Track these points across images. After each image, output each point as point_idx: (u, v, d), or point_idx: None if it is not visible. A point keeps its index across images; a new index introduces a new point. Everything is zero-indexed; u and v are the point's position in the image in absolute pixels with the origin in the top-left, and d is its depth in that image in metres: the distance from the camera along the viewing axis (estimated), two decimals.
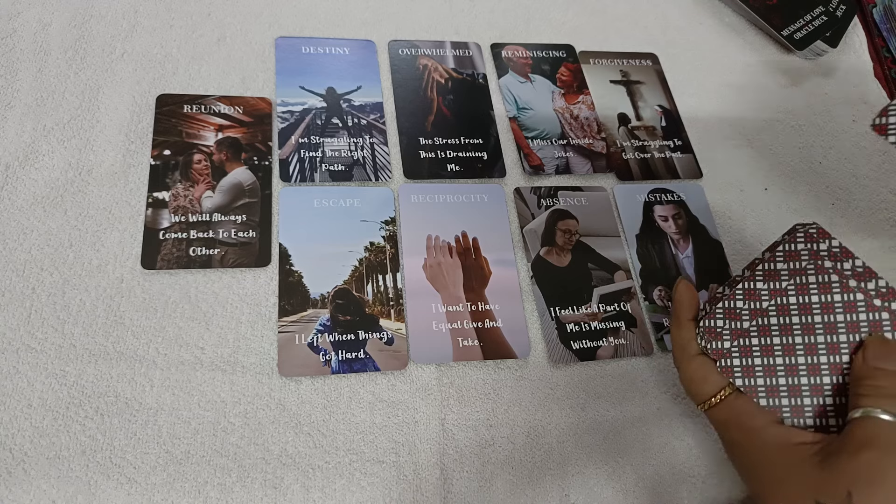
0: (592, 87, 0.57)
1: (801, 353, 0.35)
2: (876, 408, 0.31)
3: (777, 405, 0.35)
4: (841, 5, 0.63)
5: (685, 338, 0.38)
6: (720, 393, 0.36)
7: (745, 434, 0.35)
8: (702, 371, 0.37)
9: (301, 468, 0.39)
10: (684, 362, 0.38)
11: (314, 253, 0.45)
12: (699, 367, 0.37)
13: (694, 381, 0.37)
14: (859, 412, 0.32)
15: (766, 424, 0.34)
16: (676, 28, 0.63)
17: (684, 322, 0.39)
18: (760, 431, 0.34)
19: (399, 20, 0.57)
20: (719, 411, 0.36)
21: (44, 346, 0.39)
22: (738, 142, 0.57)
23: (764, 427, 0.34)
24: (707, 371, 0.37)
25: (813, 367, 0.35)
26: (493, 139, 0.52)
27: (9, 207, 0.42)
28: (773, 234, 0.52)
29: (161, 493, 0.37)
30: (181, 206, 0.44)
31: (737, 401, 0.36)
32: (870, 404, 0.31)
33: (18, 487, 0.35)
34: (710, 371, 0.37)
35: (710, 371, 0.37)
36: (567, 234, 0.49)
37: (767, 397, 0.36)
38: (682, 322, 0.39)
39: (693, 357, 0.38)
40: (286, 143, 0.48)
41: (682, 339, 0.39)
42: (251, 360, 0.41)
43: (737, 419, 0.35)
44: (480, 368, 0.44)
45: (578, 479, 0.41)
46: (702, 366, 0.37)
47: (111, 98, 0.47)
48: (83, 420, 0.38)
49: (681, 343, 0.39)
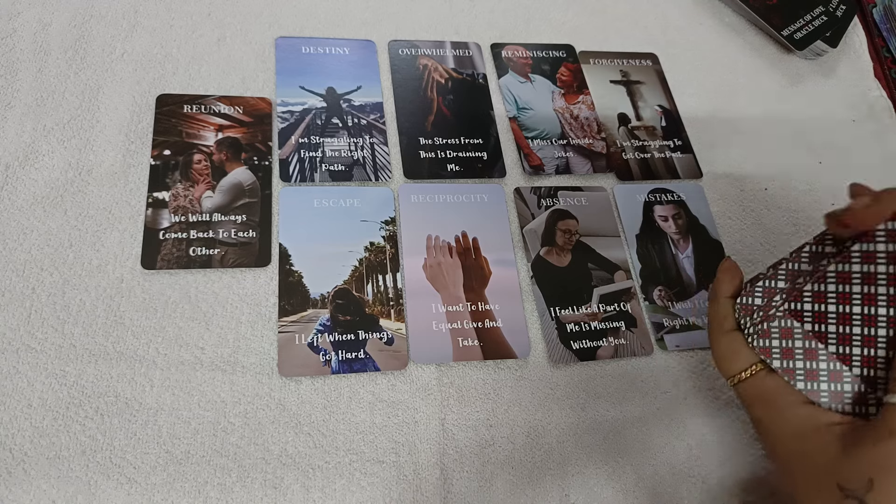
0: (592, 87, 0.57)
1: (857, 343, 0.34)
2: None
3: (815, 389, 0.34)
4: (841, 5, 0.63)
5: (721, 314, 0.38)
6: (750, 369, 0.36)
7: (772, 411, 0.35)
8: (733, 346, 0.37)
9: (301, 468, 0.39)
10: (717, 337, 0.38)
11: (314, 253, 0.45)
12: (731, 343, 0.37)
13: (725, 356, 0.37)
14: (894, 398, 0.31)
15: (793, 403, 0.34)
16: (676, 28, 0.63)
17: (721, 298, 0.39)
18: (786, 409, 0.34)
19: (399, 20, 0.57)
20: (748, 387, 0.36)
21: (44, 346, 0.39)
22: (738, 142, 0.57)
23: (790, 405, 0.34)
24: (739, 346, 0.37)
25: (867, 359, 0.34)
26: (493, 139, 0.52)
27: (9, 207, 0.42)
28: (774, 234, 0.53)
29: (161, 493, 0.37)
30: (181, 206, 0.44)
31: (767, 378, 0.35)
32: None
33: (18, 487, 0.35)
34: (741, 347, 0.37)
35: (741, 347, 0.37)
36: (567, 234, 0.49)
37: (806, 380, 0.35)
38: (719, 298, 0.39)
39: (726, 333, 0.37)
40: (286, 143, 0.48)
41: (717, 314, 0.38)
42: (251, 360, 0.41)
43: (764, 396, 0.35)
44: (480, 368, 0.44)
45: (578, 479, 0.41)
46: (733, 341, 0.37)
47: (111, 98, 0.48)
48: (83, 420, 0.38)
49: (716, 318, 0.38)
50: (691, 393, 0.45)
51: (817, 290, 0.35)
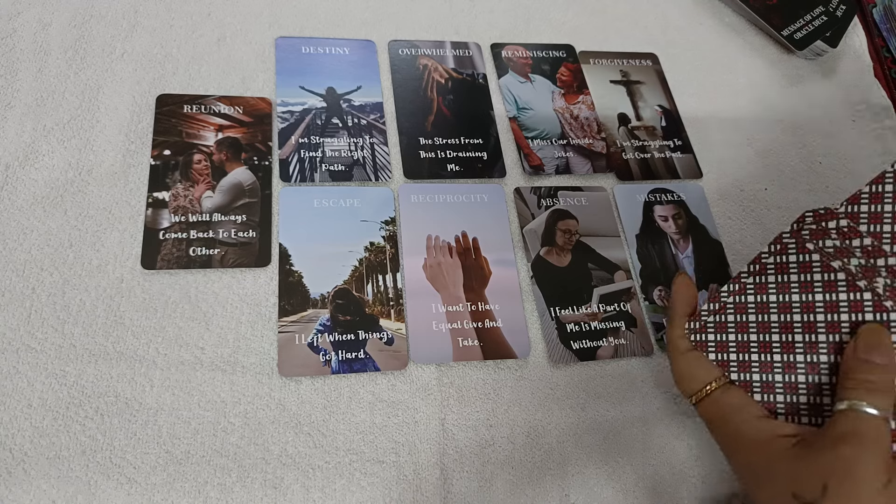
0: (592, 87, 0.57)
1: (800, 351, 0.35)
2: (861, 401, 0.31)
3: (772, 401, 0.36)
4: (841, 5, 0.63)
5: (676, 334, 0.39)
6: (706, 388, 0.37)
7: (729, 428, 0.35)
8: (689, 367, 0.38)
9: (301, 468, 0.39)
10: (675, 358, 0.39)
11: (314, 253, 0.45)
12: (687, 364, 0.38)
13: (682, 376, 0.38)
14: (844, 404, 0.31)
15: (747, 418, 0.35)
16: (676, 28, 0.63)
17: (677, 318, 0.40)
18: (741, 425, 0.35)
19: (399, 20, 0.57)
20: (704, 406, 0.37)
21: (44, 346, 0.39)
22: (738, 142, 0.57)
23: (745, 421, 0.35)
24: (695, 367, 0.38)
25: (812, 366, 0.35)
26: (493, 139, 0.52)
27: (9, 207, 0.42)
28: (773, 234, 0.52)
29: (161, 493, 0.37)
30: (181, 206, 0.44)
31: (722, 396, 0.36)
32: (856, 397, 0.31)
33: (18, 487, 0.35)
34: (697, 367, 0.38)
35: (697, 367, 0.38)
36: (567, 234, 0.49)
37: (762, 392, 0.36)
38: (674, 318, 0.40)
39: (682, 353, 0.39)
40: (286, 143, 0.48)
41: (673, 335, 0.40)
42: (251, 360, 0.41)
43: (720, 413, 0.36)
44: (480, 368, 0.44)
45: (578, 479, 0.41)
46: (689, 362, 0.38)
47: (111, 98, 0.47)
48: (83, 420, 0.38)
49: (672, 339, 0.39)
50: None
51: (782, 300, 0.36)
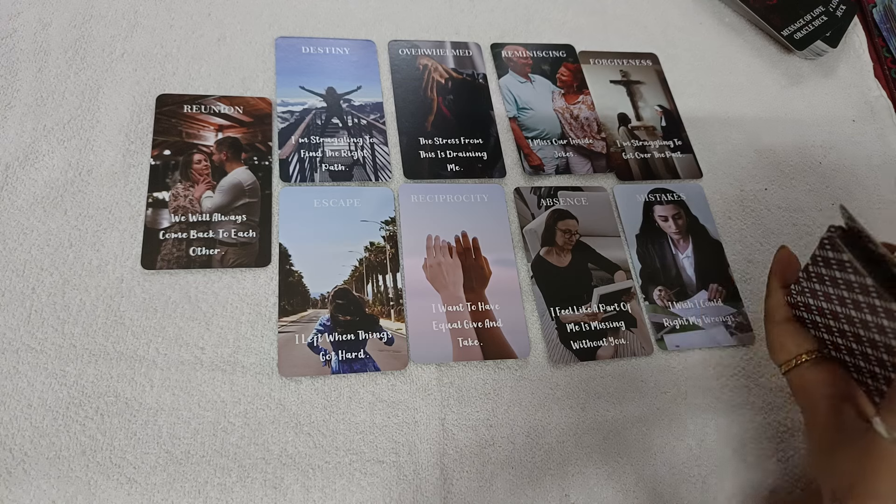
0: (592, 87, 0.57)
1: None
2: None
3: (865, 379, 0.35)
4: (841, 5, 0.63)
5: (772, 303, 0.39)
6: (794, 359, 0.37)
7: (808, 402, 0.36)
8: (781, 338, 0.38)
9: (301, 468, 0.39)
10: (769, 327, 0.39)
11: (314, 253, 0.45)
12: (779, 334, 0.38)
13: (773, 346, 0.38)
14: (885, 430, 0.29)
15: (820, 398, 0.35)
16: (676, 28, 0.63)
17: (774, 288, 0.39)
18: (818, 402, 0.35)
19: (399, 20, 0.57)
20: (791, 378, 0.37)
21: (44, 346, 0.39)
22: (738, 142, 0.57)
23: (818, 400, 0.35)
24: (785, 338, 0.38)
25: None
26: (493, 139, 0.52)
27: (9, 207, 0.42)
28: (774, 234, 0.53)
29: (161, 493, 0.37)
30: (181, 206, 0.44)
31: (808, 370, 0.36)
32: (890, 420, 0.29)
33: (18, 487, 0.35)
34: (788, 338, 0.38)
35: (788, 338, 0.38)
36: (567, 234, 0.49)
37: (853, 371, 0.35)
38: (772, 288, 0.39)
39: (776, 323, 0.38)
40: (286, 143, 0.48)
41: (769, 304, 0.39)
42: (251, 360, 0.41)
43: (803, 387, 0.36)
44: (480, 368, 0.44)
45: (578, 479, 0.41)
46: (781, 333, 0.38)
47: (111, 98, 0.47)
48: (83, 420, 0.38)
49: (767, 308, 0.39)
50: (691, 393, 0.45)
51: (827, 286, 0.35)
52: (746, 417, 0.45)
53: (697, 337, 0.47)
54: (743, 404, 0.45)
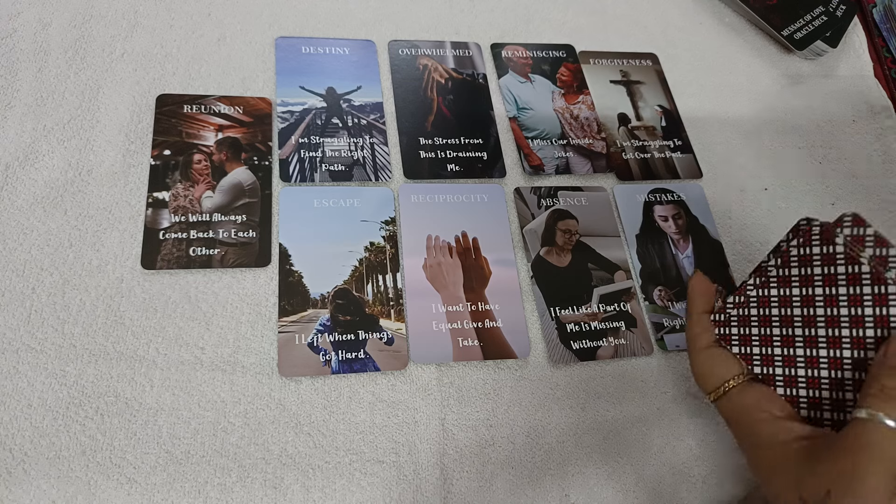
0: (592, 87, 0.57)
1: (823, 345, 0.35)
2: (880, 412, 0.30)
3: (795, 395, 0.35)
4: (841, 5, 0.64)
5: (695, 331, 0.39)
6: (723, 386, 0.37)
7: (745, 426, 0.36)
8: (708, 364, 0.38)
9: (301, 468, 0.39)
10: (694, 355, 0.39)
11: (314, 253, 0.45)
12: (706, 361, 0.38)
13: (703, 374, 0.38)
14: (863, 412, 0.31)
15: (763, 418, 0.35)
16: (676, 28, 0.63)
17: (695, 315, 0.39)
18: (756, 424, 0.35)
19: (399, 20, 0.57)
20: (722, 404, 0.37)
21: (44, 346, 0.39)
22: (738, 142, 0.57)
23: (761, 420, 0.35)
24: (713, 364, 0.38)
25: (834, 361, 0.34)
26: (493, 139, 0.52)
27: (9, 207, 0.42)
28: (773, 234, 0.52)
29: (161, 493, 0.37)
30: (181, 206, 0.44)
31: (739, 394, 0.36)
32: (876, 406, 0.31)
33: (18, 487, 0.35)
34: (716, 364, 0.37)
35: (716, 364, 0.37)
36: (567, 234, 0.49)
37: (785, 386, 0.36)
38: (692, 315, 0.39)
39: (701, 350, 0.38)
40: (286, 143, 0.48)
41: (691, 331, 0.39)
42: (251, 360, 0.41)
43: (737, 412, 0.36)
44: (480, 368, 0.44)
45: (578, 479, 0.41)
46: (708, 359, 0.38)
47: (111, 98, 0.47)
48: (83, 420, 0.38)
49: (691, 336, 0.39)
50: (692, 393, 0.45)
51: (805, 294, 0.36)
52: None
53: None
54: None
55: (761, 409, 0.35)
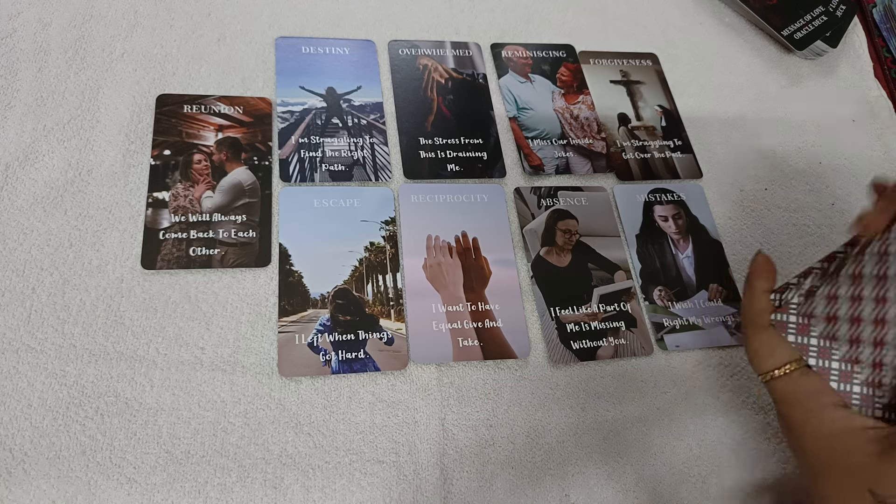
0: (592, 87, 0.57)
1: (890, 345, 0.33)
2: None
3: (849, 391, 0.34)
4: (841, 5, 0.64)
5: (756, 308, 0.37)
6: (786, 366, 0.35)
7: (804, 412, 0.34)
8: (770, 343, 0.36)
9: (301, 468, 0.39)
10: (752, 332, 0.37)
11: (314, 253, 0.45)
12: (768, 339, 0.36)
13: (759, 352, 0.36)
14: None
15: (827, 405, 0.33)
16: (676, 28, 0.63)
17: (758, 292, 0.37)
18: (820, 411, 0.33)
19: (399, 20, 0.57)
20: (782, 385, 0.35)
21: (44, 346, 0.39)
22: (738, 142, 0.57)
23: (825, 407, 0.33)
24: (775, 343, 0.36)
25: None
26: (493, 139, 0.52)
27: (9, 207, 0.42)
28: (774, 234, 0.53)
29: (161, 493, 0.37)
30: (181, 206, 0.44)
31: (802, 377, 0.35)
32: None
33: (18, 487, 0.35)
34: (778, 344, 0.36)
35: (778, 344, 0.36)
36: (567, 234, 0.49)
37: (840, 382, 0.34)
38: (755, 292, 0.38)
39: (763, 328, 0.37)
40: (286, 143, 0.48)
41: (753, 309, 0.37)
42: (251, 360, 0.41)
43: (797, 395, 0.35)
44: (480, 368, 0.44)
45: (578, 479, 0.41)
46: (771, 337, 0.36)
47: (111, 98, 0.47)
48: (83, 420, 0.38)
49: (751, 313, 0.37)
50: (691, 393, 0.45)
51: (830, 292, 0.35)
52: (746, 417, 0.45)
53: (697, 337, 0.47)
54: (743, 404, 0.45)
55: (829, 394, 0.34)
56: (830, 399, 0.34)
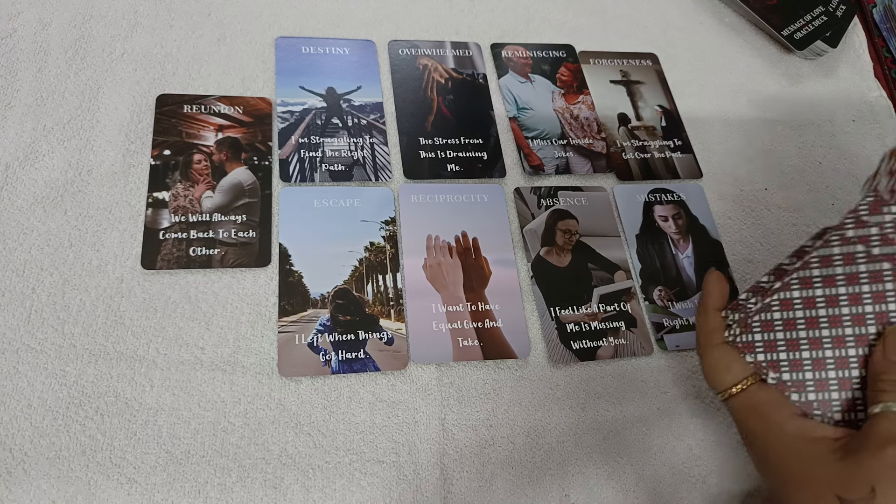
0: (592, 87, 0.57)
1: (828, 346, 0.34)
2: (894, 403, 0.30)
3: (805, 400, 0.35)
4: (841, 5, 0.64)
5: (710, 326, 0.38)
6: (742, 382, 0.36)
7: (766, 425, 0.34)
8: (725, 360, 0.37)
9: (301, 468, 0.39)
10: (708, 350, 0.38)
11: (314, 253, 0.45)
12: (723, 356, 0.37)
13: (717, 369, 0.37)
14: (878, 407, 0.31)
15: (787, 417, 0.34)
16: (676, 28, 0.63)
17: (711, 310, 0.38)
18: (782, 423, 0.34)
19: (399, 20, 0.57)
20: (740, 400, 0.36)
21: (44, 346, 0.39)
22: (738, 142, 0.57)
23: (785, 419, 0.34)
24: (731, 360, 0.37)
25: (841, 361, 0.34)
26: (493, 139, 0.52)
27: (9, 207, 0.42)
28: (774, 234, 0.53)
29: (161, 493, 0.37)
30: (181, 206, 0.44)
31: (759, 391, 0.35)
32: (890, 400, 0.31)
33: (18, 487, 0.35)
34: (733, 360, 0.37)
35: (733, 360, 0.37)
36: (567, 234, 0.49)
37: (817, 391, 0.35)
38: (708, 310, 0.39)
39: (717, 346, 0.37)
40: (286, 143, 0.48)
41: (707, 326, 0.38)
42: (251, 360, 0.41)
43: (758, 409, 0.35)
44: (480, 368, 0.44)
45: (578, 479, 0.41)
46: (725, 354, 0.37)
47: (111, 98, 0.48)
48: (83, 420, 0.38)
49: (706, 331, 0.38)
50: (692, 393, 0.45)
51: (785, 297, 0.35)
52: None
53: None
54: None
55: (785, 406, 0.34)
56: (790, 410, 0.34)
